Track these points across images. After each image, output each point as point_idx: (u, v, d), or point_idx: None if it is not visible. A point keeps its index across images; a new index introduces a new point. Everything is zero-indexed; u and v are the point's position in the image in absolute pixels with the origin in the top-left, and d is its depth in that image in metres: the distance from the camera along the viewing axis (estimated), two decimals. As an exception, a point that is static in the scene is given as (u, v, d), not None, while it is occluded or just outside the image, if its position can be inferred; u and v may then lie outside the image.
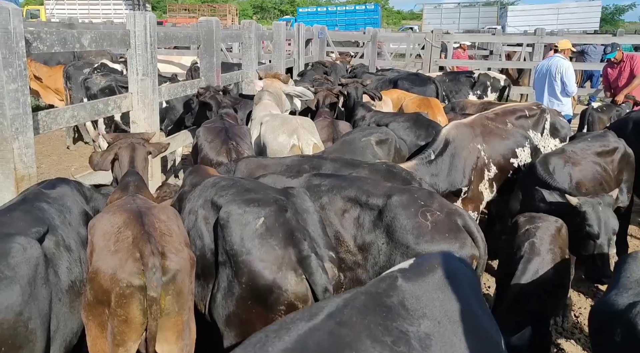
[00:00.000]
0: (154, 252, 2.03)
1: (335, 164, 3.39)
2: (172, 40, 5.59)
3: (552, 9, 33.36)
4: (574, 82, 7.07)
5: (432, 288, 1.70)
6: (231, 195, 2.44)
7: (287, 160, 3.56)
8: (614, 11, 48.73)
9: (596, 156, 4.12)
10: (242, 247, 2.20)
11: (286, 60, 9.53)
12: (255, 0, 56.52)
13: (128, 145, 3.10)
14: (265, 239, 2.20)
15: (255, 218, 2.25)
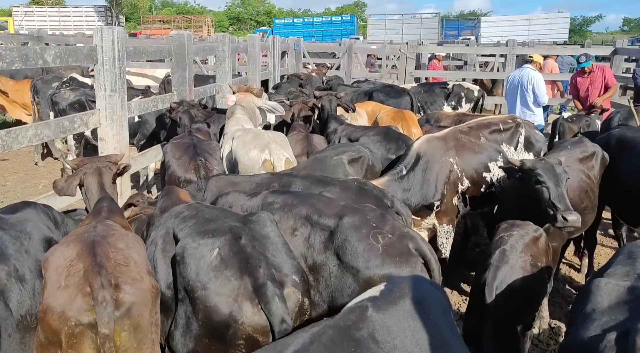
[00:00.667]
0: (104, 284, 1.91)
1: (306, 182, 3.32)
2: (142, 55, 5.48)
3: (523, 20, 34.26)
4: (544, 92, 7.23)
5: (403, 316, 1.65)
6: (189, 227, 2.36)
7: (257, 178, 3.48)
8: (582, 22, 50.35)
9: (579, 163, 4.17)
10: (197, 282, 2.11)
11: (262, 73, 9.49)
12: (232, 12, 56.62)
13: (94, 171, 3.01)
14: (220, 271, 2.11)
15: (209, 250, 2.17)
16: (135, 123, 6.49)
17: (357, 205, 2.78)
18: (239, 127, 4.69)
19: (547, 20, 33.92)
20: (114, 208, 2.68)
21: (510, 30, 29.17)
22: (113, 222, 2.49)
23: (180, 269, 2.19)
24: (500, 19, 36.55)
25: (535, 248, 3.22)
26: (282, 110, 5.75)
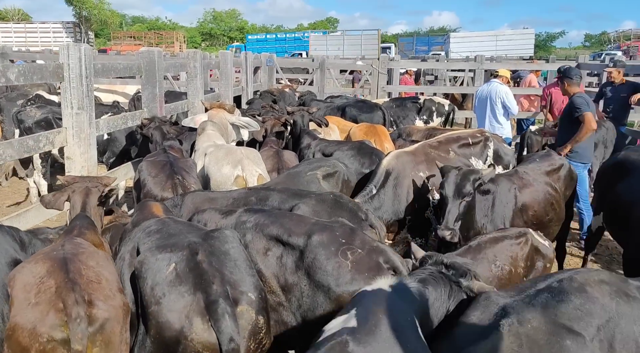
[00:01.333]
0: (78, 300, 1.93)
1: (282, 195, 3.32)
2: (111, 72, 5.39)
3: (490, 35, 35.26)
4: (515, 103, 7.38)
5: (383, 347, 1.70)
6: (152, 241, 2.35)
7: (234, 193, 3.47)
8: (546, 38, 52.11)
9: (546, 176, 4.23)
10: (152, 297, 2.10)
11: (234, 88, 9.45)
12: (204, 28, 56.52)
13: (82, 190, 3.04)
14: (175, 286, 2.10)
15: (166, 264, 2.16)
16: (104, 140, 6.36)
17: (327, 222, 2.78)
18: (210, 143, 4.64)
19: (514, 36, 35.00)
20: (87, 226, 2.70)
21: (478, 46, 29.96)
22: (84, 239, 2.51)
23: (138, 283, 2.19)
24: (469, 35, 37.55)
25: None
26: (257, 126, 5.73)
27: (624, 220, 4.07)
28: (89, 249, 2.39)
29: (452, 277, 2.27)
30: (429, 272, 2.27)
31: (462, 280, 2.25)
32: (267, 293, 2.56)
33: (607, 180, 4.56)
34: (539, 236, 3.51)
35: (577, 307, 2.03)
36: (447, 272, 2.28)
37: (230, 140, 5.66)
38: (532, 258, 3.35)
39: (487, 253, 3.17)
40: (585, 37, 58.92)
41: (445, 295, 2.21)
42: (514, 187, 3.98)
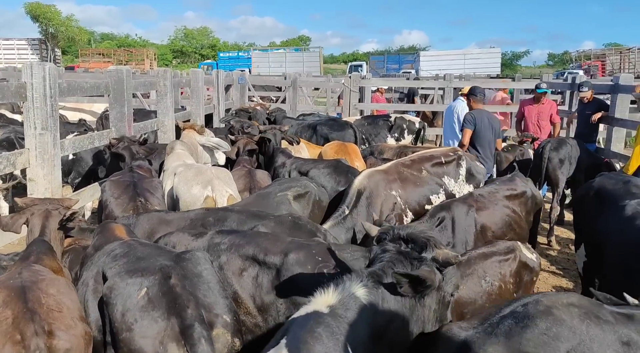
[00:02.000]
0: (37, 331, 1.86)
1: (241, 216, 3.30)
2: (77, 91, 5.26)
3: (459, 54, 36.25)
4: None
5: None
6: (119, 266, 2.30)
7: (191, 213, 3.42)
8: (511, 57, 53.91)
9: (504, 199, 4.13)
10: (123, 324, 2.05)
11: (206, 107, 9.37)
12: (175, 45, 56.24)
13: (42, 213, 2.94)
14: (147, 311, 2.06)
15: (137, 289, 2.12)
16: (69, 161, 6.18)
17: (304, 241, 2.79)
18: (180, 162, 4.56)
19: (481, 55, 36.08)
20: (45, 252, 2.59)
21: (447, 64, 30.71)
22: (42, 266, 2.41)
23: (107, 310, 2.13)
24: (438, 54, 38.51)
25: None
26: (227, 146, 5.67)
27: (600, 261, 3.74)
28: (49, 276, 2.30)
29: (412, 254, 2.09)
30: (388, 257, 2.08)
31: (425, 254, 2.09)
32: (244, 315, 2.56)
33: (583, 211, 4.34)
34: (527, 249, 3.53)
35: (543, 331, 1.92)
36: (406, 249, 2.12)
37: (202, 162, 5.59)
38: (521, 274, 3.37)
39: (477, 269, 3.17)
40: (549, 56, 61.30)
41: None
42: (471, 210, 3.88)
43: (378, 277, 2.02)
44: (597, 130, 7.90)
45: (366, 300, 1.95)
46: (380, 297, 1.99)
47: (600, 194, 4.07)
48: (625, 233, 3.47)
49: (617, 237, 3.50)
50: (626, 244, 3.40)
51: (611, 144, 7.69)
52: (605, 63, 29.27)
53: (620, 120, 7.45)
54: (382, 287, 2.00)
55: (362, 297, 1.95)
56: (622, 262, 3.40)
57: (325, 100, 17.31)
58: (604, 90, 8.61)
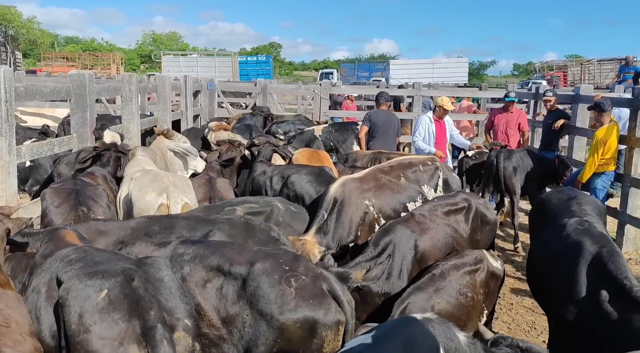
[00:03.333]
0: None
1: (190, 222, 3.23)
2: (35, 96, 5.06)
3: (427, 63, 36.85)
4: (416, 133, 7.38)
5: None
6: (76, 269, 2.23)
7: (132, 223, 3.31)
8: (478, 67, 55.24)
9: (444, 216, 3.85)
10: (80, 326, 2.00)
11: (173, 113, 9.20)
12: (143, 50, 55.26)
13: None
14: (107, 313, 2.02)
15: (96, 291, 2.08)
16: (26, 168, 5.93)
17: (270, 250, 2.75)
18: (139, 168, 4.43)
19: (449, 64, 36.77)
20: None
21: (416, 73, 31.16)
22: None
23: (63, 313, 2.07)
24: (407, 62, 39.06)
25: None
26: (196, 153, 5.53)
27: (539, 283, 3.68)
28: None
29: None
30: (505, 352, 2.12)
31: None
32: (207, 328, 2.50)
33: (530, 223, 4.31)
34: (492, 257, 3.57)
35: None
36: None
37: (174, 169, 5.42)
38: (488, 284, 3.43)
39: (452, 282, 3.21)
40: (514, 67, 62.97)
41: None
42: (413, 234, 3.55)
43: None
44: (558, 139, 8.13)
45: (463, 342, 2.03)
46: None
47: (543, 209, 4.10)
48: (553, 250, 3.45)
49: (548, 255, 3.51)
50: (552, 263, 3.38)
51: (573, 152, 7.91)
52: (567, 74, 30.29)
53: (581, 129, 7.69)
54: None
55: (461, 338, 2.03)
56: (547, 279, 3.43)
57: (296, 107, 17.29)
58: (566, 100, 8.88)
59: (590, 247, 3.16)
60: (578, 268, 3.11)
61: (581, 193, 4.33)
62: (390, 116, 7.66)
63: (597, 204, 4.12)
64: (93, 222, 3.35)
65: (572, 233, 3.38)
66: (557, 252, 3.42)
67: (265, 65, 39.42)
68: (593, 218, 3.64)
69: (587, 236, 3.29)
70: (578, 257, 3.15)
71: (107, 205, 4.11)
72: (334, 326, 2.45)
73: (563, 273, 3.22)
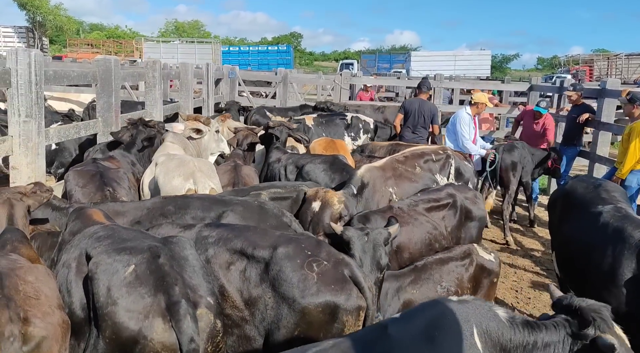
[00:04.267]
0: (12, 318, 1.84)
1: (204, 203, 3.29)
2: (64, 80, 5.16)
3: (449, 55, 36.39)
4: (464, 134, 6.75)
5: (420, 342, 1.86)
6: (104, 245, 2.30)
7: (148, 203, 3.39)
8: (501, 60, 54.26)
9: (425, 212, 3.79)
10: (108, 298, 2.08)
11: (195, 100, 9.29)
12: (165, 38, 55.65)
13: (4, 202, 2.87)
14: (134, 287, 2.09)
15: (124, 266, 2.15)
16: (52, 151, 6.07)
17: (293, 234, 2.79)
18: (164, 153, 4.51)
19: (471, 57, 36.26)
20: (21, 240, 2.55)
21: (438, 65, 30.78)
22: (19, 255, 2.38)
23: (92, 286, 2.14)
24: (429, 54, 38.62)
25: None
26: (225, 148, 5.63)
27: (573, 267, 3.70)
28: (27, 264, 2.28)
29: (571, 328, 2.03)
30: (552, 321, 2.07)
31: (586, 331, 2.00)
32: (230, 309, 2.56)
33: (554, 216, 4.26)
34: (484, 251, 3.50)
35: None
36: (571, 320, 2.05)
37: (206, 153, 5.53)
38: (478, 278, 3.37)
39: (433, 274, 3.19)
40: (538, 60, 61.78)
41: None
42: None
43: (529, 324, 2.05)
44: (581, 134, 7.98)
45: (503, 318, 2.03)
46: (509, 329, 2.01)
47: (570, 198, 4.05)
48: (592, 237, 3.47)
49: (591, 242, 3.49)
50: (591, 250, 3.40)
51: (597, 148, 7.78)
52: (593, 68, 29.63)
53: (606, 124, 7.54)
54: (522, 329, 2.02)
55: (501, 314, 2.03)
56: (585, 266, 3.44)
57: (316, 97, 17.28)
58: (591, 94, 8.71)
59: (633, 232, 3.23)
60: (623, 254, 3.16)
61: (604, 181, 4.30)
62: (423, 105, 7.36)
63: (622, 190, 4.14)
64: (111, 203, 3.44)
65: (612, 220, 3.42)
66: (597, 238, 3.43)
67: (285, 55, 39.46)
68: (624, 204, 3.67)
69: (628, 222, 3.33)
70: (622, 243, 3.21)
71: (129, 187, 4.21)
72: (354, 311, 2.47)
73: (606, 259, 3.25)
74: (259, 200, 3.47)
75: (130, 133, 5.07)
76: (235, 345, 2.57)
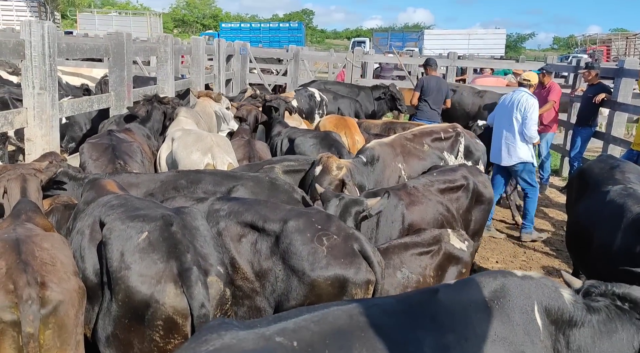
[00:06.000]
0: (30, 282, 1.89)
1: (216, 177, 3.34)
2: (77, 52, 5.18)
3: (463, 34, 35.71)
4: (533, 120, 5.69)
5: (473, 309, 1.84)
6: (118, 213, 2.35)
7: (162, 176, 3.46)
8: (516, 39, 53.23)
9: (439, 194, 3.77)
10: (121, 263, 2.13)
11: (206, 76, 9.27)
12: (176, 14, 55.25)
13: (18, 177, 2.92)
14: (147, 253, 2.14)
15: (138, 232, 2.20)
16: (62, 125, 6.12)
17: (303, 209, 2.83)
18: (179, 127, 4.54)
19: (485, 36, 35.53)
20: (35, 210, 2.61)
21: (451, 44, 30.23)
22: (34, 224, 2.44)
23: (106, 251, 2.20)
24: (442, 33, 37.93)
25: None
26: (234, 125, 5.65)
27: (579, 245, 3.71)
28: (42, 232, 2.34)
29: (634, 314, 1.95)
30: (604, 304, 1.98)
31: None
32: (241, 280, 2.61)
33: (570, 196, 4.27)
34: (457, 237, 3.27)
35: None
36: (624, 306, 1.97)
37: (215, 129, 5.58)
38: (444, 267, 3.15)
39: (393, 259, 3.02)
40: (554, 40, 60.44)
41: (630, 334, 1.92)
42: (400, 203, 3.51)
43: (593, 309, 1.98)
44: (596, 114, 7.84)
45: (568, 300, 1.97)
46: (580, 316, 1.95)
47: (585, 178, 4.09)
48: (603, 217, 3.48)
49: (596, 220, 3.52)
50: (604, 228, 3.40)
51: (612, 129, 7.67)
52: (611, 48, 28.94)
53: (622, 105, 7.42)
54: (589, 314, 1.95)
55: (566, 296, 1.97)
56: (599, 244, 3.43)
57: (327, 75, 17.14)
58: (608, 73, 8.54)
59: (632, 206, 3.27)
60: (622, 228, 3.20)
61: (624, 162, 4.26)
62: (440, 82, 7.76)
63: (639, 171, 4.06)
64: (125, 174, 3.50)
65: (616, 197, 3.46)
66: (600, 216, 3.48)
67: (297, 32, 38.95)
68: (636, 185, 3.65)
69: (631, 198, 3.37)
70: (621, 218, 3.26)
71: (142, 161, 4.26)
72: (363, 285, 2.50)
73: (607, 235, 3.29)
74: (270, 175, 3.50)
75: (146, 108, 5.12)
76: (246, 315, 2.61)
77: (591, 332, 1.91)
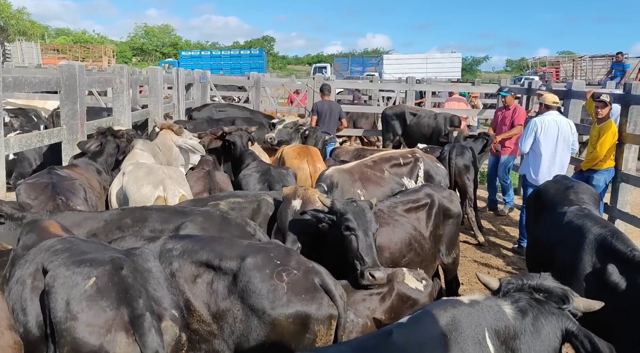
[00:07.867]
0: None
1: (163, 214, 3.21)
2: (25, 87, 4.98)
3: (421, 58, 36.80)
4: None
5: (428, 348, 1.86)
6: (62, 259, 2.20)
7: (105, 214, 3.30)
8: (471, 62, 55.30)
9: (405, 213, 3.80)
10: (67, 313, 1.99)
11: (165, 105, 9.13)
12: (135, 43, 54.75)
13: None
14: (95, 301, 2.01)
15: (84, 279, 2.06)
16: (9, 161, 5.85)
17: (261, 244, 2.74)
18: (132, 161, 4.40)
19: (442, 60, 36.75)
20: None
21: (409, 68, 31.07)
22: None
23: (49, 300, 2.05)
24: (401, 57, 38.98)
25: None
26: (202, 150, 5.53)
27: (540, 265, 3.55)
28: None
29: (552, 304, 2.11)
30: (526, 300, 2.11)
31: (566, 305, 2.12)
32: (197, 323, 2.47)
33: (530, 218, 4.35)
34: (413, 276, 3.10)
35: None
36: (540, 297, 2.13)
37: (177, 163, 5.40)
38: (398, 309, 2.94)
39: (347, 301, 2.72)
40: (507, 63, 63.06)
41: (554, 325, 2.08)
42: None
43: (523, 309, 2.09)
44: None
45: (510, 315, 2.06)
46: (521, 324, 2.06)
47: (542, 199, 4.19)
48: (556, 235, 3.56)
49: (555, 241, 3.57)
50: (565, 248, 3.45)
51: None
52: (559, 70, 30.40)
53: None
54: (528, 316, 2.07)
55: (507, 311, 2.06)
56: (560, 264, 3.45)
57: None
58: (558, 95, 8.88)
59: (592, 227, 3.32)
60: (583, 248, 3.25)
61: (577, 182, 4.38)
62: (332, 105, 8.67)
63: (592, 192, 4.23)
64: (68, 212, 3.31)
65: (574, 218, 3.52)
66: (560, 236, 3.53)
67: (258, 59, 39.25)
68: (590, 206, 3.77)
69: (589, 219, 3.43)
70: (583, 239, 3.30)
71: (85, 198, 4.08)
72: (326, 320, 2.44)
73: (568, 255, 3.33)
74: (220, 209, 3.40)
75: (98, 142, 4.94)
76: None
77: (530, 337, 2.04)
